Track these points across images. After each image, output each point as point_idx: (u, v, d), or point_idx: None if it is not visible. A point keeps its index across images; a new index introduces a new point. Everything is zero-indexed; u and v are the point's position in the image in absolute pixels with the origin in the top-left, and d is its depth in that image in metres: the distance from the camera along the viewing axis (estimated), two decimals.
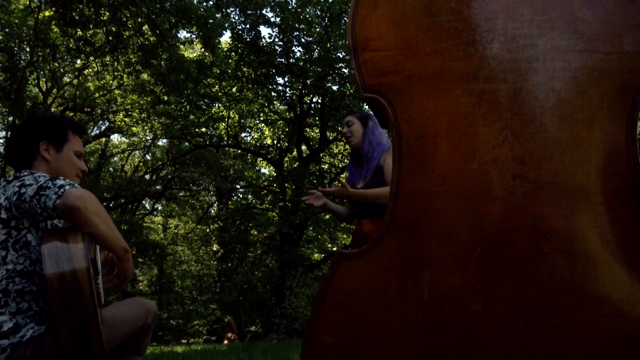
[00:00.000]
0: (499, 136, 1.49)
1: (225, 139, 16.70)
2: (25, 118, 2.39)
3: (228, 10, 13.45)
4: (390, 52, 1.60)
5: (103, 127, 18.80)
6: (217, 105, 15.95)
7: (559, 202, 1.44)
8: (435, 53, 1.57)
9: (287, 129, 17.24)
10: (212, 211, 22.14)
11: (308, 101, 15.41)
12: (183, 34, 13.63)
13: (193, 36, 13.03)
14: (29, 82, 14.21)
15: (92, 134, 18.18)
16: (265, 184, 17.77)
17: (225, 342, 12.88)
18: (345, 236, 19.32)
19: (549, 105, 1.48)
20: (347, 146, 16.25)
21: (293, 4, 13.55)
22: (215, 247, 22.23)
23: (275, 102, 16.47)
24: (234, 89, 15.56)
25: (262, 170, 21.21)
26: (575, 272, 1.42)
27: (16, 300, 1.99)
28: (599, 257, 1.43)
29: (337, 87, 14.63)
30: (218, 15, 11.50)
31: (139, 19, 11.00)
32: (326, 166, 16.90)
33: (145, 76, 14.47)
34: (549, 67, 1.50)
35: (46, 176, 2.04)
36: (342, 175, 15.70)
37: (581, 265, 1.42)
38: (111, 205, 17.36)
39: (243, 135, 18.62)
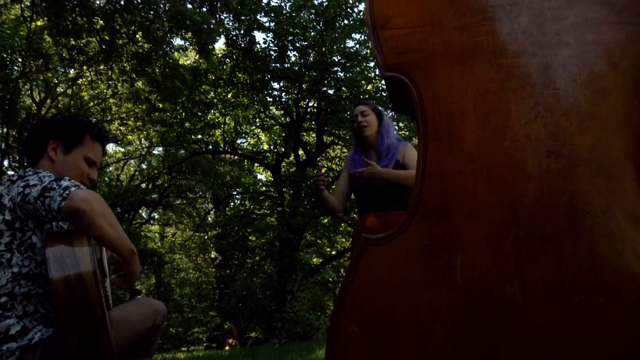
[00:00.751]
0: (531, 112, 1.43)
1: (222, 145, 16.64)
2: (48, 117, 2.33)
3: (222, 17, 13.41)
4: (412, 29, 1.54)
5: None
6: (212, 111, 15.88)
7: (595, 178, 1.38)
8: (460, 29, 1.52)
9: (283, 134, 17.20)
10: (210, 218, 22.08)
11: (304, 105, 15.36)
12: (177, 41, 13.62)
13: (187, 43, 12.97)
14: (22, 93, 14.11)
15: None
16: (263, 189, 17.70)
17: (227, 348, 12.80)
18: (344, 240, 19.28)
19: (581, 79, 1.42)
20: (345, 149, 16.30)
21: (287, 8, 13.51)
22: (213, 255, 22.15)
23: (271, 108, 16.42)
24: (229, 95, 15.51)
25: (259, 176, 21.20)
26: (614, 250, 1.36)
27: (22, 303, 1.93)
28: (638, 234, 1.37)
29: (333, 91, 14.60)
30: (213, 21, 11.46)
31: (133, 27, 10.95)
32: (324, 170, 16.81)
33: (139, 84, 14.41)
34: (579, 39, 1.45)
35: (51, 176, 1.98)
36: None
37: (620, 242, 1.36)
38: None
39: (239, 141, 18.60)
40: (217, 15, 12.90)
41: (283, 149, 17.46)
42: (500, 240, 1.40)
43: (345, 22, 13.65)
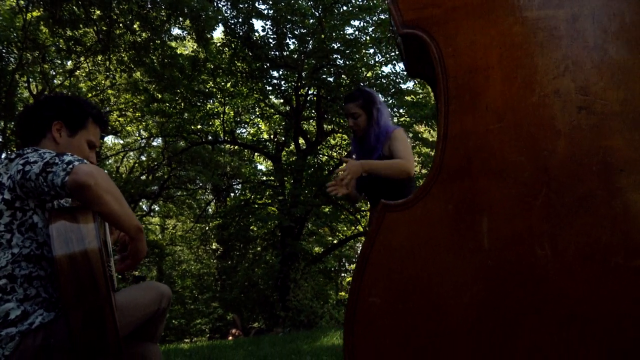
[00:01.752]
0: (559, 66, 1.35)
1: (222, 135, 16.54)
2: (51, 95, 2.25)
3: (220, 5, 13.29)
4: None
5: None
6: (211, 101, 15.77)
7: (630, 133, 1.30)
8: None
9: (283, 123, 17.10)
10: (210, 210, 22.01)
11: (304, 94, 15.26)
12: (175, 31, 13.53)
13: (185, 33, 12.86)
14: (20, 85, 13.98)
15: None
16: (264, 179, 17.63)
17: (230, 338, 12.75)
18: (345, 228, 19.24)
19: (612, 29, 1.34)
20: (345, 137, 16.21)
21: None
22: (214, 246, 22.10)
23: (270, 96, 16.32)
24: (228, 84, 15.40)
25: (259, 166, 21.13)
26: None
27: (23, 286, 1.85)
28: None
29: (332, 78, 14.49)
30: (210, 9, 11.35)
31: (130, 17, 10.84)
32: (324, 158, 16.76)
33: (137, 75, 14.30)
34: None
35: (52, 152, 1.90)
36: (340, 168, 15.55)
37: None
38: None
39: (239, 131, 18.50)
40: (215, 3, 12.80)
41: (283, 138, 17.37)
42: (529, 201, 1.33)
43: (345, 8, 13.52)
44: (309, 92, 15.45)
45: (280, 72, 15.04)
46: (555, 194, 1.32)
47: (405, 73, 14.75)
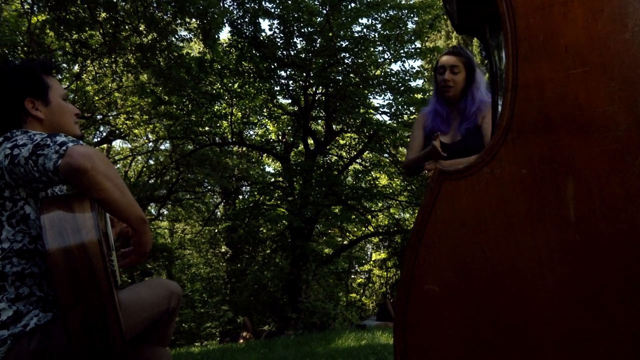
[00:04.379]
0: None
1: (230, 137, 16.39)
2: None
3: (226, 5, 13.15)
4: None
5: (105, 133, 18.55)
6: (219, 102, 15.62)
7: None
8: None
9: (292, 123, 16.95)
10: (219, 212, 21.92)
11: (312, 93, 15.08)
12: (182, 32, 13.38)
13: (192, 35, 12.73)
14: None
15: (94, 140, 17.90)
16: (272, 180, 17.47)
17: (241, 341, 12.57)
18: (355, 229, 19.04)
19: None
20: (355, 135, 16.03)
21: None
22: (223, 249, 22.00)
23: (278, 97, 16.16)
24: (235, 85, 15.25)
25: (268, 168, 21.00)
26: None
27: (15, 285, 1.65)
28: None
29: (341, 77, 14.31)
30: (216, 9, 11.22)
31: (136, 19, 10.71)
32: (334, 158, 16.58)
33: (144, 77, 14.17)
34: None
35: (42, 134, 1.69)
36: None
37: None
38: None
39: (247, 132, 18.36)
40: (222, 3, 12.66)
41: (292, 139, 17.20)
42: (626, 161, 1.09)
43: (352, 5, 13.34)
44: (317, 92, 15.27)
45: (288, 72, 14.87)
46: None
47: (414, 70, 14.55)
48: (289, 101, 16.26)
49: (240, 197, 21.15)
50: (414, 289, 1.16)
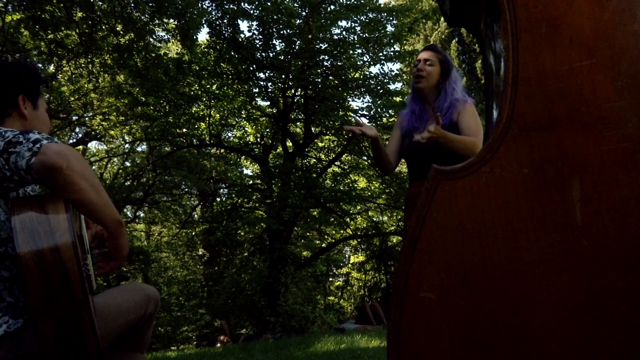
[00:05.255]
0: None
1: (207, 138, 16.25)
2: (4, 62, 1.94)
3: (205, 5, 13.03)
4: None
5: (80, 135, 18.29)
6: (197, 104, 15.48)
7: None
8: None
9: (270, 126, 16.86)
10: (196, 215, 21.74)
11: (291, 95, 15.02)
12: (160, 33, 13.23)
13: (169, 36, 12.60)
14: None
15: (70, 141, 17.62)
16: (250, 182, 17.37)
17: (218, 345, 12.45)
18: (334, 232, 19.01)
19: None
20: (334, 138, 15.97)
21: None
22: (200, 252, 21.83)
23: (257, 99, 16.09)
24: (214, 87, 15.12)
25: (246, 171, 20.88)
26: None
27: None
28: None
29: (320, 79, 14.27)
30: (194, 10, 11.11)
31: (113, 18, 10.55)
32: (312, 161, 16.52)
33: (121, 78, 13.98)
34: None
35: (14, 130, 1.61)
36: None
37: None
38: None
39: (225, 134, 18.24)
40: (200, 4, 12.54)
41: (270, 141, 17.11)
42: (637, 160, 1.02)
43: (332, 7, 13.31)
44: (296, 94, 15.21)
45: (267, 74, 14.79)
46: None
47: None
48: (268, 103, 16.20)
49: (218, 199, 21.02)
50: (408, 297, 1.09)
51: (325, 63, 14.12)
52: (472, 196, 1.09)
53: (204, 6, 12.97)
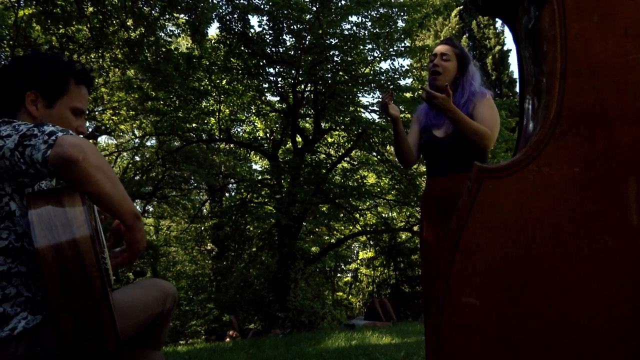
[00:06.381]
0: None
1: (217, 133, 16.24)
2: (21, 55, 1.90)
3: (215, 0, 13.00)
4: None
5: (90, 129, 18.34)
6: (207, 99, 15.47)
7: None
8: None
9: (280, 121, 16.82)
10: (205, 210, 21.78)
11: (301, 90, 14.97)
12: (170, 27, 13.23)
13: (179, 31, 12.58)
14: None
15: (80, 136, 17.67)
16: (259, 178, 17.35)
17: (227, 340, 12.47)
18: (343, 228, 18.97)
19: None
20: (343, 134, 15.92)
21: None
22: (209, 246, 21.87)
23: (266, 94, 16.05)
24: (223, 82, 15.09)
25: (255, 166, 20.88)
26: None
27: (1, 285, 1.53)
28: None
29: (330, 75, 14.21)
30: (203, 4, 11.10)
31: (124, 13, 10.55)
32: (322, 156, 16.49)
33: (131, 72, 13.99)
34: None
35: (27, 123, 1.58)
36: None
37: None
38: None
39: (235, 129, 18.22)
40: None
41: (280, 136, 17.08)
42: None
43: (342, 2, 13.24)
44: (306, 89, 15.16)
45: (277, 69, 14.75)
46: None
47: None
48: (278, 98, 16.15)
49: (227, 194, 21.02)
50: (449, 302, 1.03)
51: (336, 58, 14.05)
52: (518, 196, 1.03)
53: (215, 1, 12.94)
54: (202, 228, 21.61)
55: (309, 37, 13.51)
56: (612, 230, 0.99)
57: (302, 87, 14.98)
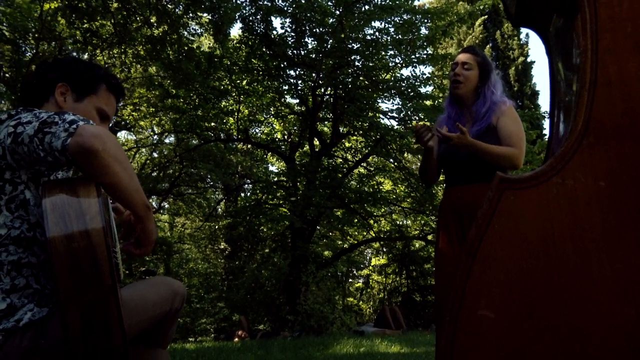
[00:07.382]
0: None
1: (235, 133, 16.28)
2: (59, 57, 1.95)
3: (239, 1, 13.05)
4: None
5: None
6: (226, 98, 15.51)
7: None
8: None
9: (298, 123, 16.83)
10: (220, 209, 21.84)
11: (320, 94, 14.95)
12: (193, 27, 13.30)
13: (202, 30, 12.65)
14: None
15: None
16: (275, 179, 17.35)
17: (236, 339, 12.47)
18: (356, 233, 18.91)
19: None
20: (361, 139, 15.89)
21: None
22: (222, 245, 21.93)
23: (286, 96, 16.05)
24: (244, 82, 15.13)
25: (272, 167, 20.90)
26: None
27: (11, 275, 1.52)
28: None
29: (350, 79, 14.18)
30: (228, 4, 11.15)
31: (147, 10, 10.62)
32: (339, 161, 16.45)
33: (153, 69, 14.08)
34: None
35: (48, 112, 1.57)
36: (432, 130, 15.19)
37: None
38: None
39: (253, 130, 18.25)
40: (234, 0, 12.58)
41: (297, 139, 17.08)
42: None
43: (366, 7, 13.21)
44: (326, 93, 15.14)
45: (298, 71, 14.74)
46: None
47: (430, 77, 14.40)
48: (297, 101, 16.15)
49: (242, 194, 21.07)
50: (464, 314, 0.99)
51: (357, 63, 14.02)
52: (540, 209, 0.99)
53: (238, 1, 12.99)
54: (216, 227, 21.69)
55: (331, 40, 13.50)
56: (637, 249, 0.93)
57: (322, 90, 14.97)
